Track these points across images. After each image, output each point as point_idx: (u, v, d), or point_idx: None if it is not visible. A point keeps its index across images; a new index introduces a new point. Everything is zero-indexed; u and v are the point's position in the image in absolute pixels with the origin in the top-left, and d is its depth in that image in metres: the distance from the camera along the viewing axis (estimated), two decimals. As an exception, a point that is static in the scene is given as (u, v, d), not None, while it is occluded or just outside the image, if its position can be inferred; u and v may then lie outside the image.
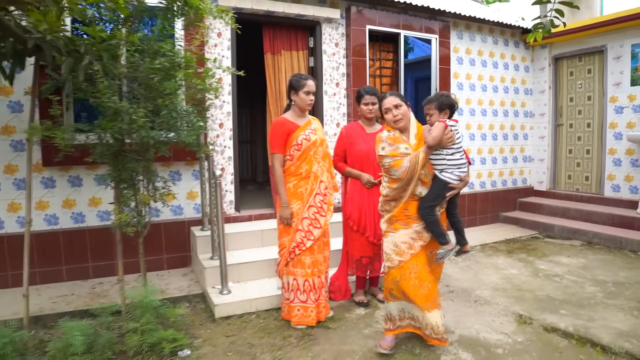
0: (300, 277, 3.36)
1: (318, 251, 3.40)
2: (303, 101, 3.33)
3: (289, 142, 3.30)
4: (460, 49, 6.29)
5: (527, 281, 4.25)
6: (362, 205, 3.63)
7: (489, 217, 6.71)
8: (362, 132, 3.70)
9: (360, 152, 3.63)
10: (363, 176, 3.62)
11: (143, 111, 2.86)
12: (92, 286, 4.25)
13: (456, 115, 6.24)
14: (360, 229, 3.65)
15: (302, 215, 3.32)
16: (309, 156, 3.34)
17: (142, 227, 3.27)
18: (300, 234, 3.32)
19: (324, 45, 5.28)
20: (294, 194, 3.33)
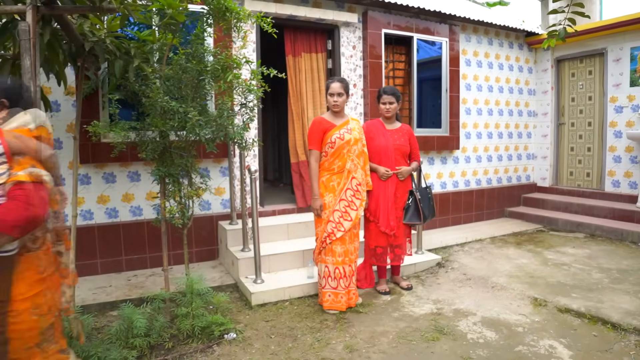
0: (331, 265, 3.61)
1: (349, 241, 3.65)
2: (328, 102, 3.63)
3: (324, 140, 3.57)
4: (468, 51, 6.58)
5: (538, 269, 4.54)
6: (378, 197, 3.88)
7: (495, 212, 7.01)
8: (382, 128, 3.96)
9: (379, 146, 3.89)
10: (379, 169, 3.86)
11: (195, 110, 3.10)
12: (127, 278, 4.46)
13: (465, 115, 6.58)
14: (375, 219, 3.90)
15: (333, 207, 3.57)
16: (342, 154, 3.59)
17: (187, 220, 3.51)
18: (331, 225, 3.57)
19: (342, 47, 5.53)
20: (327, 187, 3.60)
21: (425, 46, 6.25)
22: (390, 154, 3.87)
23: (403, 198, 3.96)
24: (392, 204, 3.89)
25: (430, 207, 4.07)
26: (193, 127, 3.08)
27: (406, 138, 3.98)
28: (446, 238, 5.72)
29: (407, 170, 3.92)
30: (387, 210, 3.88)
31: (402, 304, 3.77)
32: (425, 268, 4.63)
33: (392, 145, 3.88)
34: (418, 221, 3.96)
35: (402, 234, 3.99)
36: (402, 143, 3.93)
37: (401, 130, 4.00)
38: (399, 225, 3.96)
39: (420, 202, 3.96)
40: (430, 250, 5.11)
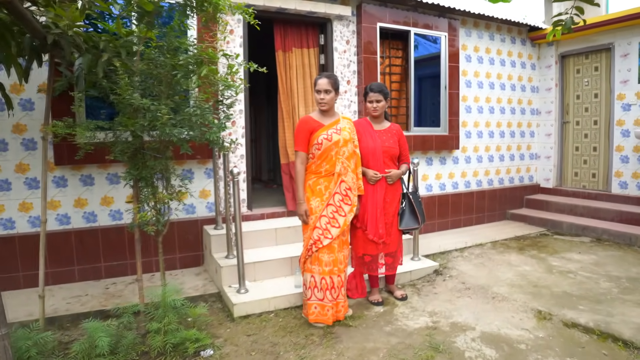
0: (318, 275, 3.34)
1: (338, 249, 3.38)
2: (315, 99, 3.37)
3: (311, 140, 3.31)
4: (468, 47, 6.29)
5: (542, 277, 4.26)
6: (366, 202, 3.61)
7: (496, 215, 6.73)
8: (369, 129, 3.68)
9: (366, 148, 3.61)
10: (367, 172, 3.59)
11: (166, 108, 2.84)
12: (105, 286, 4.21)
13: (465, 113, 6.30)
14: (363, 225, 3.63)
15: (320, 213, 3.31)
16: (330, 156, 3.32)
17: (162, 226, 3.24)
18: (317, 232, 3.30)
19: (334, 42, 5.26)
20: (313, 191, 3.33)
21: (424, 41, 5.98)
22: (378, 156, 3.60)
23: (393, 203, 3.69)
24: (381, 210, 3.62)
25: (422, 212, 3.80)
26: (164, 126, 2.82)
27: (395, 139, 3.71)
28: (445, 242, 5.45)
29: (396, 174, 3.65)
30: (376, 217, 3.60)
31: (396, 317, 3.50)
32: (422, 276, 4.35)
33: (380, 147, 3.61)
34: (415, 225, 3.69)
35: (394, 241, 3.72)
36: (391, 145, 3.66)
37: (390, 130, 3.72)
38: (390, 232, 3.68)
39: (415, 205, 3.69)
40: (427, 256, 4.84)
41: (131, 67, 3.06)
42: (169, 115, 2.75)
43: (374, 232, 3.60)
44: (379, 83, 3.80)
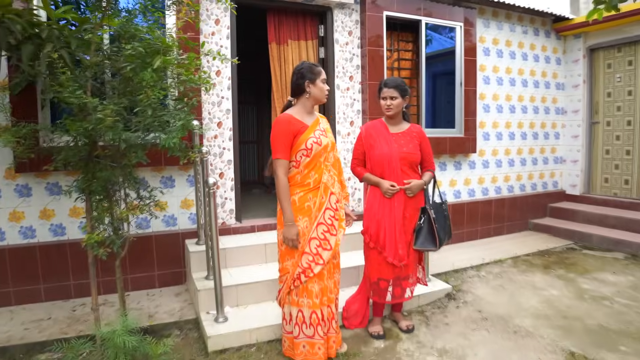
0: (307, 309, 2.77)
1: (328, 276, 2.82)
2: (322, 92, 2.76)
3: (295, 145, 2.69)
4: (486, 39, 5.67)
5: (572, 305, 3.65)
6: (381, 218, 3.07)
7: (517, 225, 6.09)
8: (384, 132, 3.12)
9: (380, 155, 3.06)
10: (382, 183, 3.04)
11: (113, 108, 2.32)
12: (72, 308, 3.73)
13: (482, 113, 5.68)
14: (378, 246, 3.08)
15: (309, 235, 2.72)
16: (319, 163, 2.74)
17: (118, 248, 2.74)
18: (307, 258, 2.72)
19: (335, 33, 4.70)
20: (300, 208, 2.72)
21: (437, 36, 5.38)
22: (395, 165, 3.04)
23: (413, 219, 3.12)
24: (401, 228, 3.06)
25: (447, 228, 3.22)
26: (110, 129, 2.31)
27: (416, 143, 3.12)
28: (459, 258, 4.84)
29: (417, 185, 3.06)
30: (395, 236, 3.05)
31: (398, 355, 2.94)
32: (432, 300, 3.78)
33: (397, 153, 3.04)
34: (432, 247, 3.11)
35: (412, 262, 3.16)
36: (410, 150, 3.08)
37: (409, 133, 3.14)
38: (409, 252, 3.13)
39: (435, 222, 3.09)
40: (439, 276, 4.26)
41: (84, 60, 2.57)
42: (113, 117, 2.23)
43: (394, 254, 3.05)
44: (396, 78, 3.25)
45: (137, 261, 4.03)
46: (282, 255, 2.80)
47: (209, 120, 4.19)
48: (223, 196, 4.31)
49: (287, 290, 2.79)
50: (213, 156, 4.24)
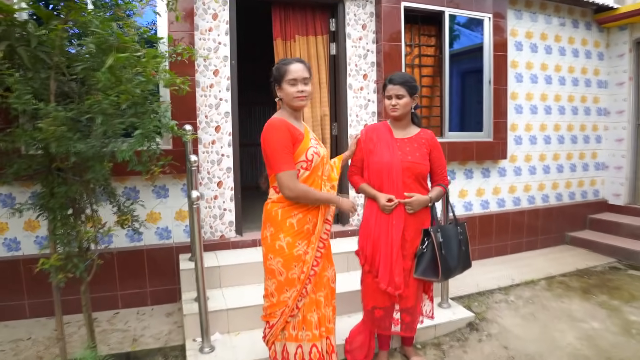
0: (307, 343, 2.35)
1: (326, 303, 2.42)
2: (289, 96, 2.25)
3: (294, 156, 2.26)
4: (519, 32, 5.10)
5: (618, 343, 3.10)
6: (377, 237, 2.61)
7: (552, 238, 5.48)
8: (387, 137, 2.65)
9: (379, 163, 2.59)
10: (379, 198, 2.57)
11: (63, 115, 1.97)
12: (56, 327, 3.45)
13: (514, 114, 5.12)
14: (373, 269, 2.63)
15: (311, 261, 2.32)
16: (317, 177, 2.34)
17: (81, 273, 2.40)
18: (306, 284, 2.33)
19: (347, 28, 4.26)
20: (299, 232, 2.29)
21: (464, 32, 4.86)
22: (395, 175, 2.56)
23: (416, 242, 2.65)
24: (398, 250, 2.59)
25: (462, 255, 2.74)
26: (58, 139, 1.96)
27: (424, 151, 2.64)
28: (485, 277, 4.32)
29: (420, 201, 2.58)
30: (390, 259, 2.58)
31: (406, 403, 2.50)
32: (451, 331, 3.30)
33: (399, 162, 2.58)
34: (434, 277, 2.63)
35: (413, 293, 2.68)
36: (415, 159, 2.60)
37: (418, 139, 2.66)
38: (409, 281, 2.66)
39: (442, 248, 2.62)
40: (461, 299, 3.78)
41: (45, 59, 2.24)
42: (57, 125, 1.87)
43: (388, 280, 2.59)
44: (403, 73, 2.79)
45: (128, 276, 3.73)
46: (279, 287, 2.33)
47: (205, 124, 3.84)
48: (222, 207, 3.95)
49: (283, 325, 2.37)
50: (210, 163, 3.89)
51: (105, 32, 1.96)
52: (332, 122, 4.41)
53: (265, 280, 2.40)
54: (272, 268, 2.32)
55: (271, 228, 2.30)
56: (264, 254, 2.36)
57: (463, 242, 2.72)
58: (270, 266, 2.32)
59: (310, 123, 4.31)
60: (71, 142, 1.97)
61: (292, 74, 2.24)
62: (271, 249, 2.30)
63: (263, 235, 2.36)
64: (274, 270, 2.31)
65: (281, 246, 2.27)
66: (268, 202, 2.36)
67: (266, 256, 2.34)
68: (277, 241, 2.28)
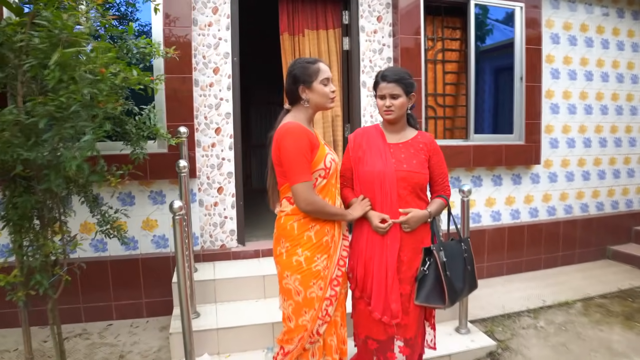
0: None
1: (342, 322, 2.20)
2: (324, 96, 2.06)
3: (312, 164, 2.01)
4: (555, 23, 4.59)
5: (669, 385, 2.63)
6: (369, 259, 2.24)
7: (591, 252, 4.94)
8: (378, 142, 2.28)
9: (370, 173, 2.22)
10: (371, 218, 2.20)
11: (12, 118, 1.74)
12: (45, 338, 3.30)
13: (549, 114, 4.62)
14: (365, 295, 2.28)
15: (331, 275, 2.08)
16: (331, 186, 2.12)
17: (45, 290, 2.17)
18: (326, 304, 2.06)
19: (361, 20, 3.91)
20: (319, 246, 2.04)
21: (498, 27, 4.42)
22: (389, 187, 2.19)
23: (414, 262, 2.28)
24: (394, 273, 2.21)
25: (467, 275, 2.36)
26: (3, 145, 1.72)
27: (422, 158, 2.26)
28: (513, 297, 3.88)
29: (418, 217, 2.20)
30: (385, 284, 2.22)
31: None
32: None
33: (392, 171, 2.20)
34: (439, 303, 2.25)
35: (413, 321, 2.30)
36: (412, 167, 2.22)
37: (414, 144, 2.28)
38: (409, 308, 2.29)
39: (447, 269, 2.23)
40: (483, 323, 3.37)
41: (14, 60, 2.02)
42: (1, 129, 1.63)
43: (382, 308, 2.22)
44: (397, 68, 2.40)
45: (123, 287, 3.53)
46: (297, 309, 2.04)
47: (205, 125, 3.59)
48: (222, 214, 3.69)
49: (299, 353, 2.07)
50: (210, 168, 3.63)
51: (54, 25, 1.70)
52: (344, 124, 4.08)
53: (282, 302, 2.14)
54: (288, 288, 2.05)
55: (287, 243, 2.05)
56: (279, 273, 2.10)
57: (468, 261, 2.34)
58: (287, 285, 2.05)
59: (321, 124, 3.99)
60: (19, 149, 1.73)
61: (325, 73, 2.07)
62: (287, 266, 2.04)
63: (277, 252, 2.12)
64: (290, 290, 2.04)
65: (299, 262, 2.02)
66: (281, 215, 2.11)
67: (281, 275, 2.08)
68: (294, 256, 2.03)
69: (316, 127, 3.98)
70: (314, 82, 2.03)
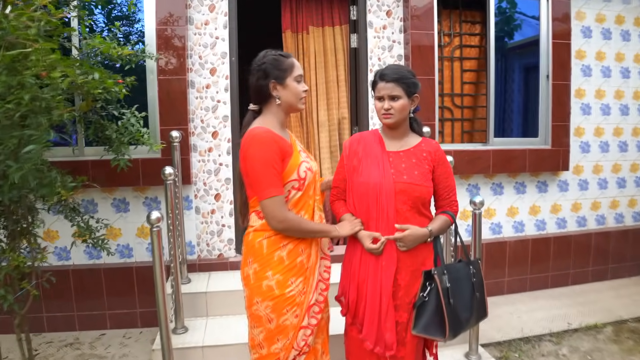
0: None
1: (323, 349, 1.96)
2: (296, 96, 1.83)
3: (284, 174, 1.78)
4: (587, 15, 4.17)
5: None
6: (362, 281, 1.97)
7: (627, 268, 4.49)
8: (376, 149, 2.01)
9: (365, 184, 1.95)
10: (362, 239, 1.93)
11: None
12: (36, 346, 3.22)
13: (579, 116, 4.23)
14: (357, 322, 2.02)
15: (308, 301, 1.82)
16: (308, 198, 1.87)
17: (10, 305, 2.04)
18: (305, 333, 1.81)
19: (369, 15, 3.65)
20: (292, 267, 1.79)
21: (528, 21, 4.08)
22: (386, 200, 1.91)
23: (412, 287, 2.00)
24: (389, 300, 1.93)
25: (477, 303, 2.05)
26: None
27: (425, 169, 1.97)
28: (534, 317, 3.54)
29: (415, 236, 1.91)
30: (378, 311, 1.95)
31: None
32: (477, 392, 2.62)
33: (390, 183, 1.93)
34: (438, 335, 1.96)
35: (410, 353, 2.01)
36: (414, 179, 1.93)
37: (417, 152, 2.00)
38: (405, 338, 2.01)
39: (449, 296, 1.95)
40: (496, 347, 3.06)
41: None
42: None
43: (375, 338, 1.95)
44: (398, 66, 2.11)
45: (117, 295, 3.42)
46: (269, 337, 1.80)
47: (201, 129, 3.42)
48: (220, 223, 3.52)
49: None
50: (207, 174, 3.46)
51: None
52: (352, 126, 3.83)
53: (250, 329, 1.88)
54: (258, 314, 1.79)
55: (255, 264, 1.79)
56: (247, 297, 1.84)
57: (477, 286, 2.03)
58: (257, 312, 1.79)
59: (327, 127, 3.76)
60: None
61: (299, 70, 1.84)
62: (257, 291, 1.78)
63: (244, 273, 1.85)
64: (261, 317, 1.79)
65: (270, 286, 1.76)
66: (249, 231, 1.86)
67: (250, 300, 1.82)
68: (264, 280, 1.77)
69: (321, 131, 3.75)
70: (287, 77, 1.79)
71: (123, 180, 3.25)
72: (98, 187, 2.88)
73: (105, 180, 3.21)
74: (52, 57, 1.56)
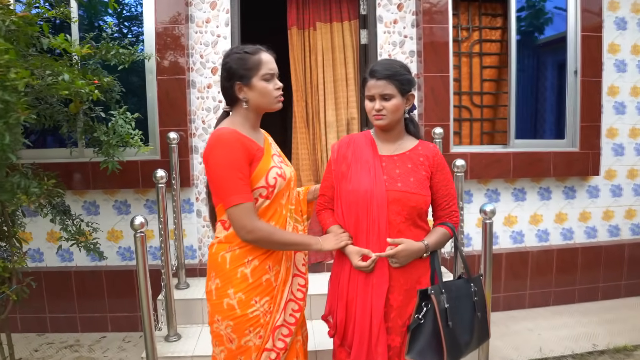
0: None
1: None
2: (266, 95, 1.64)
3: (251, 180, 1.61)
4: (620, 5, 3.80)
5: None
6: (351, 301, 1.79)
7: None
8: (367, 153, 1.82)
9: (355, 192, 1.76)
10: (350, 255, 1.75)
11: None
12: (37, 346, 3.24)
13: (612, 115, 3.88)
14: (346, 344, 1.84)
15: (274, 322, 1.65)
16: (280, 208, 1.69)
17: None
18: (269, 356, 1.65)
19: (379, 9, 3.46)
20: (257, 286, 1.63)
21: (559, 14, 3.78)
22: (378, 210, 1.72)
23: (407, 307, 1.80)
24: (380, 322, 1.74)
25: (478, 324, 1.84)
26: None
27: (422, 175, 1.78)
28: (556, 335, 3.25)
29: (409, 251, 1.71)
30: (368, 333, 1.76)
31: None
32: (483, 420, 2.39)
33: (383, 191, 1.74)
34: None
35: None
36: (409, 186, 1.74)
37: (413, 156, 1.81)
38: None
39: (448, 318, 1.75)
40: (510, 367, 2.82)
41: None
42: None
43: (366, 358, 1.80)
44: (391, 61, 1.91)
45: (118, 298, 3.38)
46: (230, 356, 1.65)
47: (202, 130, 3.33)
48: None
49: None
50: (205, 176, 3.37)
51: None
52: (361, 127, 3.65)
53: (213, 346, 1.74)
54: (219, 333, 1.65)
55: (217, 279, 1.64)
56: (209, 313, 1.71)
57: (479, 306, 1.81)
58: (218, 330, 1.65)
59: (335, 128, 3.60)
60: None
61: (268, 66, 1.63)
62: (217, 309, 1.63)
63: (207, 287, 1.70)
64: (222, 335, 1.65)
65: (231, 305, 1.60)
66: (213, 242, 1.72)
67: (211, 316, 1.68)
68: (225, 298, 1.61)
69: (329, 132, 3.59)
70: (253, 77, 1.61)
71: (124, 182, 3.21)
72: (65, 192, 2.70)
73: (106, 182, 3.19)
74: (5, 58, 1.47)
